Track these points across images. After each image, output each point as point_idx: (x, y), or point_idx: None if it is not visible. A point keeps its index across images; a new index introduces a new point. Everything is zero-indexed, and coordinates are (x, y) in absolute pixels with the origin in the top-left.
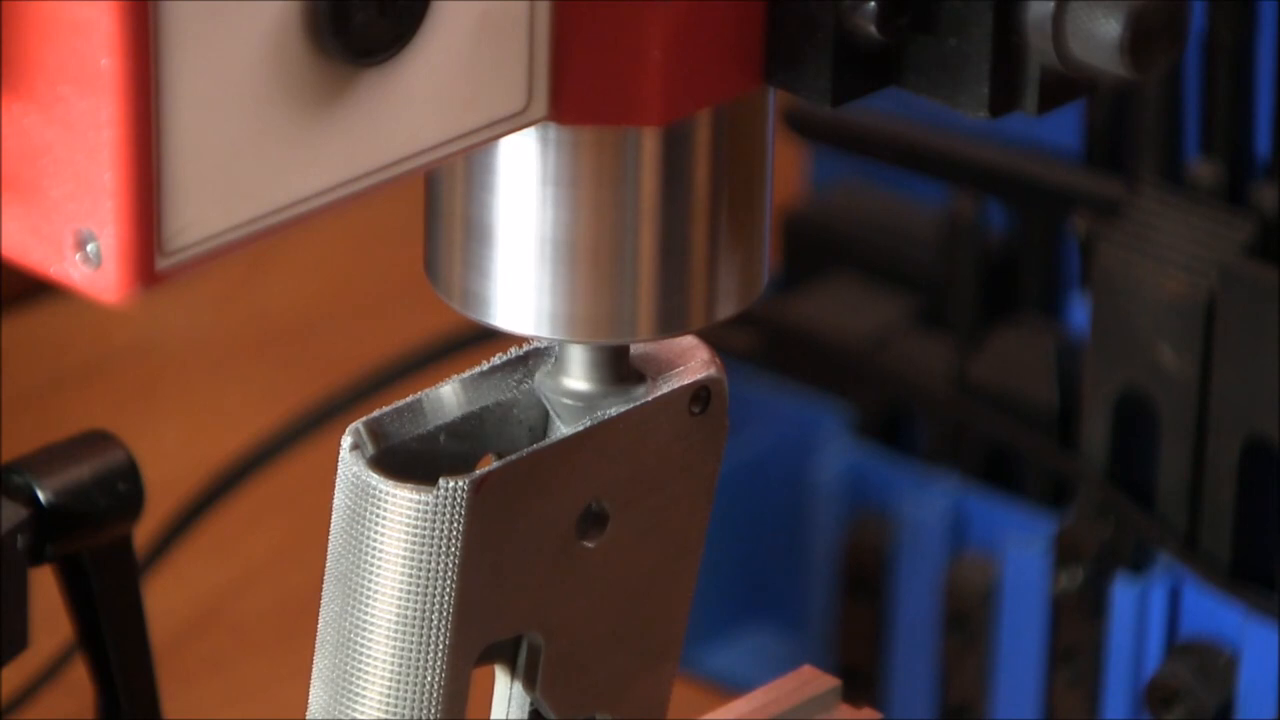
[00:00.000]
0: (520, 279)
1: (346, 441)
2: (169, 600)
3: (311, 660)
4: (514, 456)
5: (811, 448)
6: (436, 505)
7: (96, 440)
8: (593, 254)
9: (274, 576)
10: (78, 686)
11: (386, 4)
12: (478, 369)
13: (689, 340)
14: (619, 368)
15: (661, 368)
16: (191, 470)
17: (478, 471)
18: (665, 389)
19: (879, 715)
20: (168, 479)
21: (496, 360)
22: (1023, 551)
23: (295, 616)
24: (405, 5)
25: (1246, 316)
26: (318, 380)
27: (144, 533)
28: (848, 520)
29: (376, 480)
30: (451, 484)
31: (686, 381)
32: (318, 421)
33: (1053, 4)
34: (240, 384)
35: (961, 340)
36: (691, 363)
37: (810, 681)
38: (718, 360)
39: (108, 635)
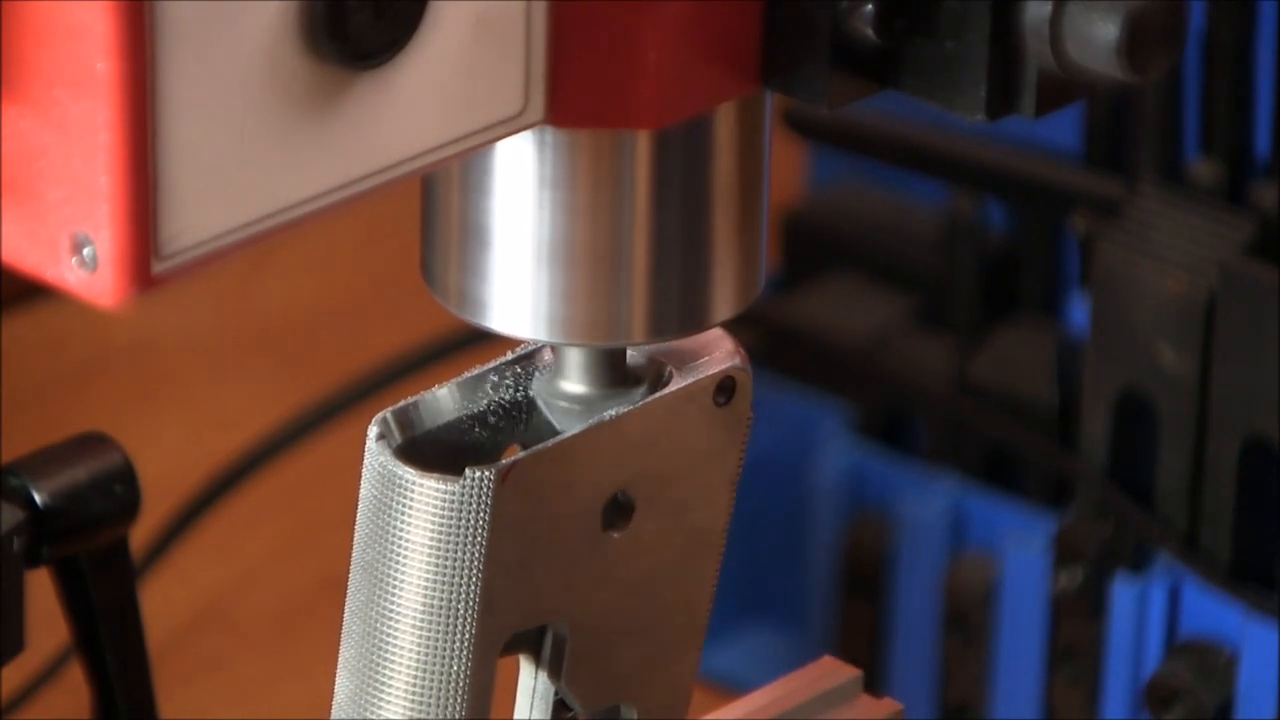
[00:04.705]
0: (516, 282)
1: (373, 431)
2: (168, 600)
3: (311, 660)
4: (540, 446)
5: (811, 448)
6: (463, 495)
7: (93, 442)
8: (589, 257)
9: (274, 576)
10: (77, 687)
11: (382, 7)
12: (504, 358)
13: (714, 331)
14: (616, 370)
15: (686, 359)
16: (191, 470)
17: (504, 461)
18: (690, 380)
19: (899, 706)
20: (167, 479)
21: (523, 350)
22: (1023, 551)
23: (295, 616)
24: (401, 8)
25: (1246, 316)
26: (318, 380)
27: (143, 532)
28: (848, 520)
29: (403, 470)
30: (478, 474)
31: (711, 372)
32: (317, 421)
33: (1050, 7)
34: (240, 384)
35: (961, 340)
36: (716, 353)
37: (831, 672)
38: (742, 352)
39: (104, 637)
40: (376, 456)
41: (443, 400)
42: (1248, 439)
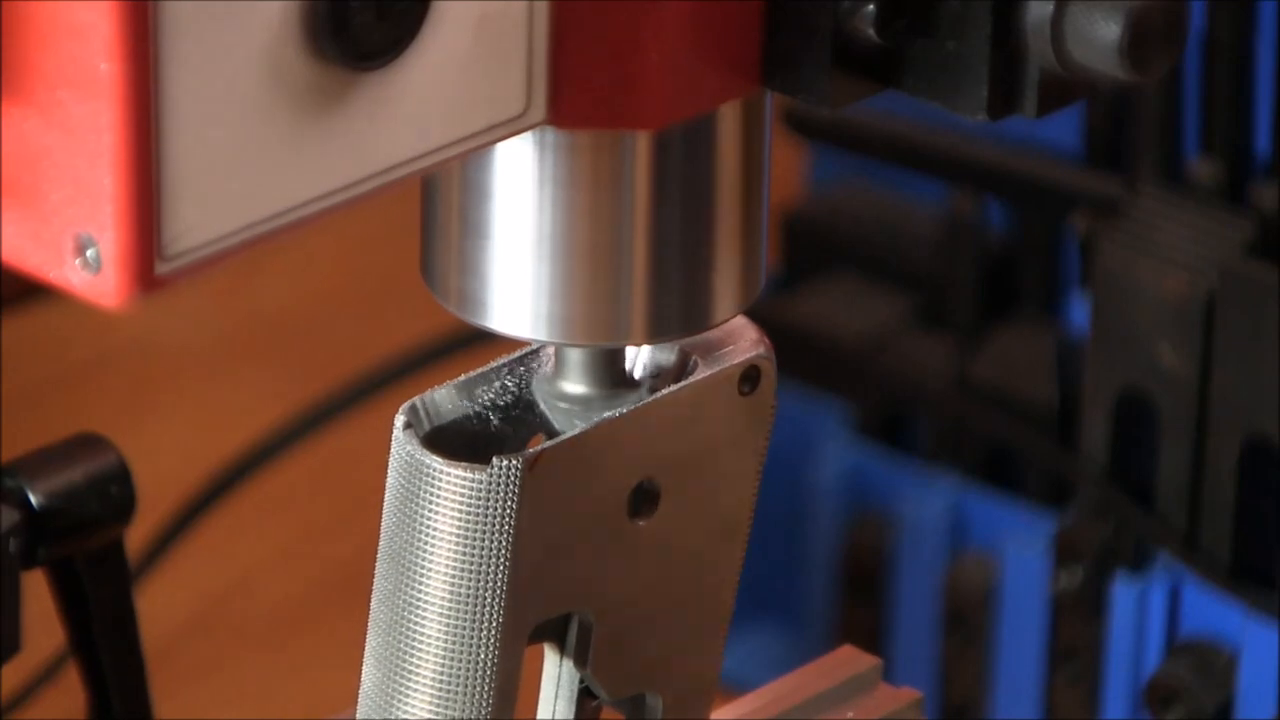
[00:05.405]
0: (517, 282)
1: (399, 420)
2: (168, 600)
3: (311, 661)
4: (567, 435)
5: (811, 448)
6: (490, 483)
7: (89, 443)
8: (589, 257)
9: (274, 576)
10: (76, 687)
11: (385, 8)
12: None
13: (738, 320)
14: (614, 371)
15: (711, 348)
16: (191, 470)
17: (531, 450)
18: (715, 369)
19: (919, 694)
20: (167, 478)
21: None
22: (1023, 551)
23: (295, 617)
24: (404, 9)
25: (1246, 316)
26: (317, 380)
27: (143, 533)
28: (848, 520)
29: (430, 459)
30: (505, 462)
31: (736, 361)
32: (317, 422)
33: (1051, 6)
34: (240, 384)
35: (961, 340)
36: (740, 343)
37: (850, 660)
38: (766, 340)
39: (100, 639)
40: (404, 445)
41: (465, 391)
42: (1248, 439)
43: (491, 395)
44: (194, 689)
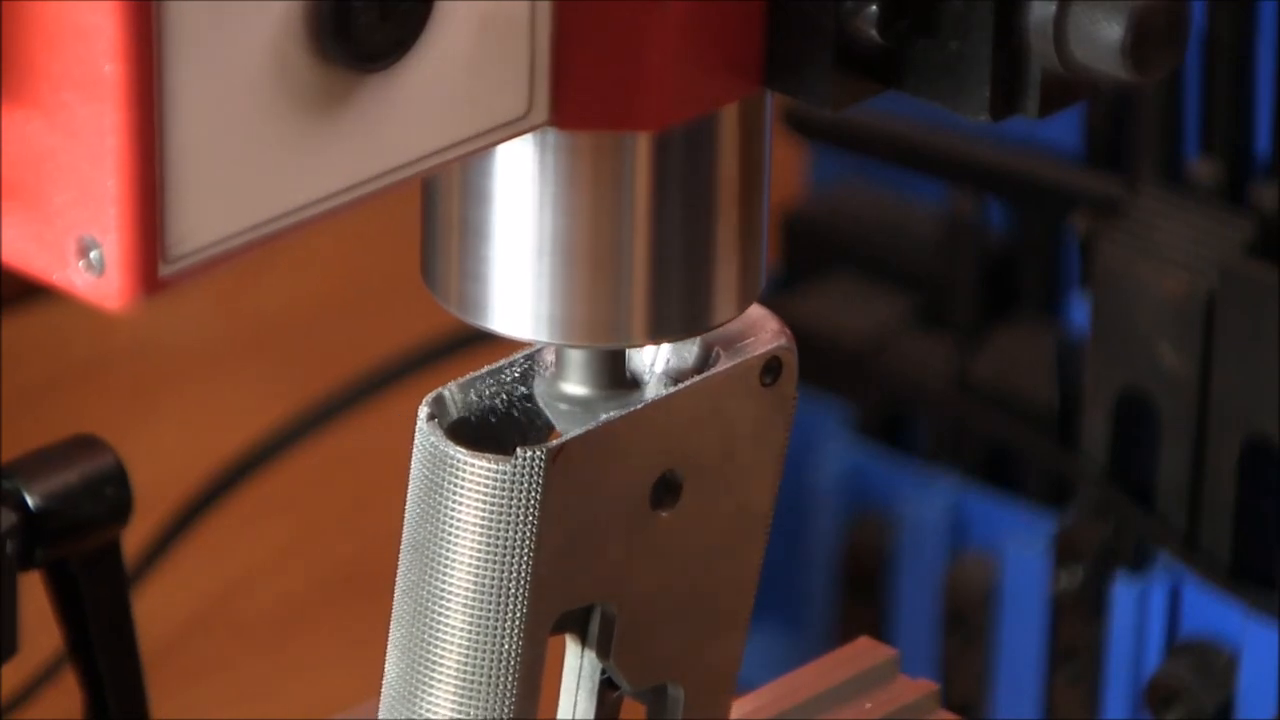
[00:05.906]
0: (517, 283)
1: (423, 412)
2: (168, 600)
3: (311, 660)
4: (589, 426)
5: (811, 448)
6: (514, 475)
7: (85, 445)
8: (590, 258)
9: (274, 576)
10: (75, 687)
11: (389, 9)
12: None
13: (758, 311)
14: (615, 372)
15: (732, 339)
16: (191, 470)
17: (554, 441)
18: (737, 360)
19: (936, 686)
20: (167, 478)
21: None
22: (1023, 551)
23: (295, 616)
24: (407, 10)
25: (1246, 316)
26: (318, 380)
27: (143, 533)
28: (848, 520)
29: (454, 450)
30: (529, 453)
31: (758, 352)
32: (317, 422)
33: (1054, 6)
34: (240, 384)
35: (961, 340)
36: (762, 334)
37: (868, 652)
38: (788, 332)
39: (96, 641)
40: (427, 437)
41: (489, 383)
42: (1248, 439)
43: (515, 387)
44: (194, 689)
